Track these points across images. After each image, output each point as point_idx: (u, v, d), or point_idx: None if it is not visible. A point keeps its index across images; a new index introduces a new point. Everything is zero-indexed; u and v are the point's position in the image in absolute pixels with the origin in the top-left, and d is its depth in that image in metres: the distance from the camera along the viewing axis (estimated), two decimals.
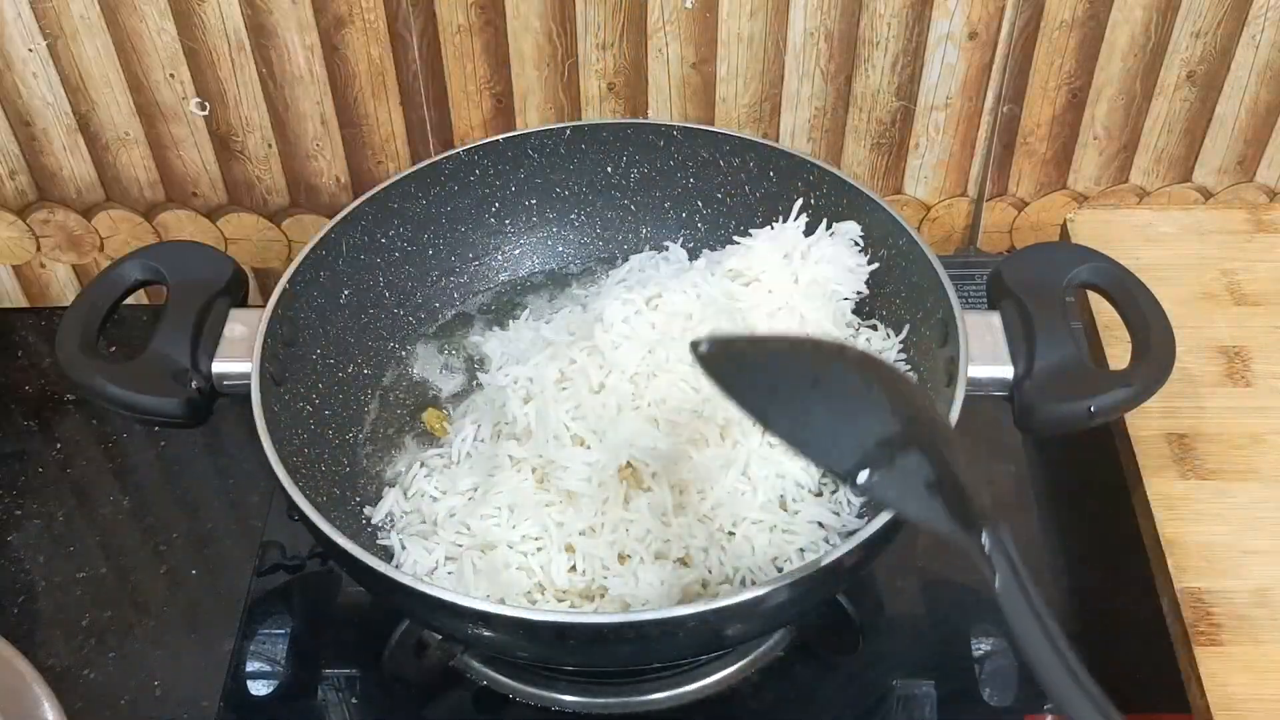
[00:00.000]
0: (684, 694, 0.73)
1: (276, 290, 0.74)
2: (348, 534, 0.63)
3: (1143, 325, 0.70)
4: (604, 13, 0.86)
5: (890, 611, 0.77)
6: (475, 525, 0.70)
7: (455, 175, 0.84)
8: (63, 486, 0.87)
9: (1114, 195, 0.97)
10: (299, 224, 0.97)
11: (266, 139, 0.91)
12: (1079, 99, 0.91)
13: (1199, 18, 0.87)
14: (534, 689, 0.73)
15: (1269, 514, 0.72)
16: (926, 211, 0.98)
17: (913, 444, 0.54)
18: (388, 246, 0.83)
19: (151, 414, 0.71)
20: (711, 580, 0.68)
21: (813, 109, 0.91)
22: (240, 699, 0.73)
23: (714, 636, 0.63)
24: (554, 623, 0.61)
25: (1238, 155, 0.95)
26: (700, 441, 0.71)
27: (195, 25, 0.85)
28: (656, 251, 0.87)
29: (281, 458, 0.66)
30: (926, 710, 0.72)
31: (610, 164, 0.87)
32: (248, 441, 0.86)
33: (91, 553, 0.82)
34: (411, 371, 0.84)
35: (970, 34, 0.87)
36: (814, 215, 0.82)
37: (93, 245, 0.98)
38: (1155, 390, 0.68)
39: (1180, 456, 0.75)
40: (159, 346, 0.71)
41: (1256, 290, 0.85)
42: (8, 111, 0.89)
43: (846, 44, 0.88)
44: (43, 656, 0.76)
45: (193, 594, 0.80)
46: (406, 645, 0.73)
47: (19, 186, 0.94)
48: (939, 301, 0.73)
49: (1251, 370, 0.80)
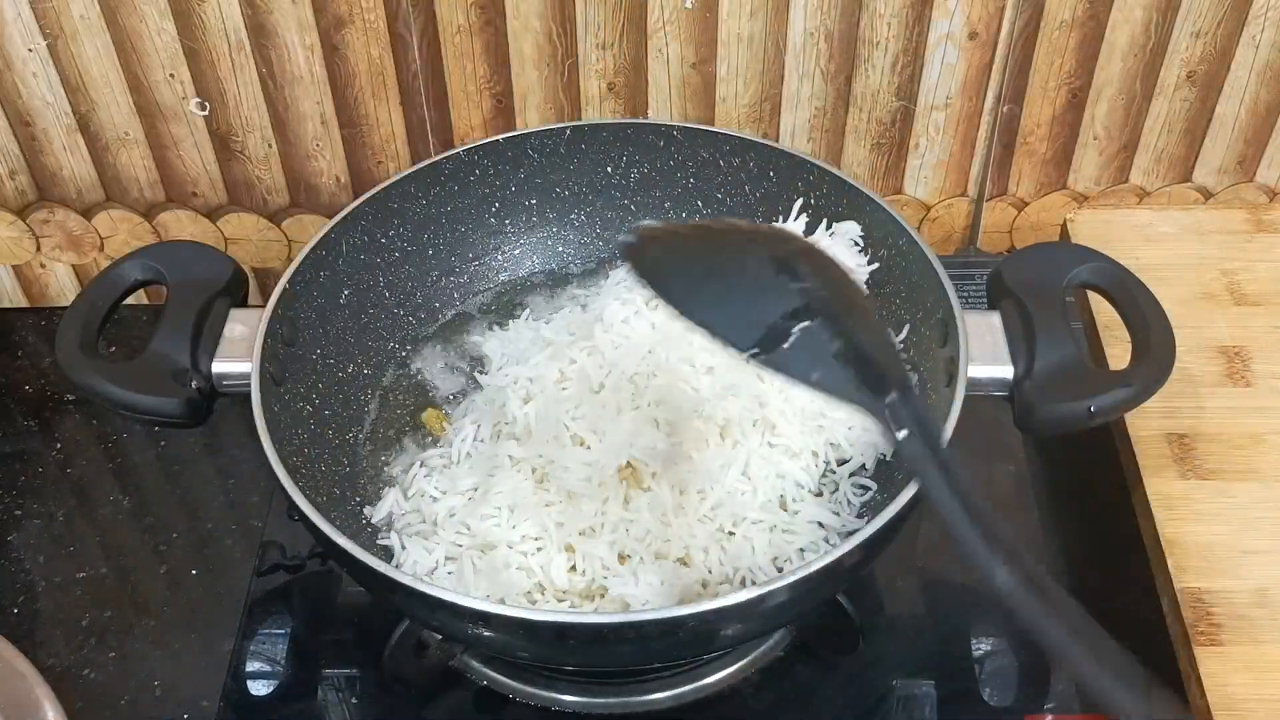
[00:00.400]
0: (684, 694, 0.73)
1: (276, 290, 0.74)
2: (348, 534, 0.63)
3: (1143, 325, 0.70)
4: (604, 13, 0.86)
5: (890, 611, 0.77)
6: (475, 525, 0.70)
7: (455, 175, 0.84)
8: (63, 486, 0.87)
9: (1114, 195, 0.97)
10: (299, 224, 0.97)
11: (266, 139, 0.91)
12: (1079, 99, 0.91)
13: (1199, 18, 0.87)
14: (534, 689, 0.73)
15: (1269, 514, 0.72)
16: (926, 211, 0.98)
17: (818, 315, 0.55)
18: (388, 246, 0.83)
19: (151, 414, 0.71)
20: (711, 580, 0.68)
21: (813, 109, 0.91)
22: (240, 699, 0.73)
23: (714, 636, 0.63)
24: (554, 623, 0.61)
25: (1238, 155, 0.95)
26: (700, 441, 0.72)
27: (195, 25, 0.85)
28: None
29: (281, 458, 0.66)
30: (926, 710, 0.72)
31: (610, 164, 0.87)
32: (248, 441, 0.86)
33: (91, 553, 0.82)
34: (411, 371, 0.84)
35: (970, 34, 0.87)
36: (814, 215, 0.82)
37: (93, 245, 0.98)
38: (1155, 390, 0.68)
39: (1180, 456, 0.75)
40: (159, 346, 0.71)
41: (1256, 290, 0.85)
42: (8, 111, 0.89)
43: (846, 44, 0.88)
44: (43, 656, 0.76)
45: (193, 594, 0.80)
46: (406, 645, 0.73)
47: (19, 186, 0.94)
48: (939, 301, 0.73)
49: (1251, 370, 0.80)
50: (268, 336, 0.71)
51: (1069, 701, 0.72)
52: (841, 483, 0.74)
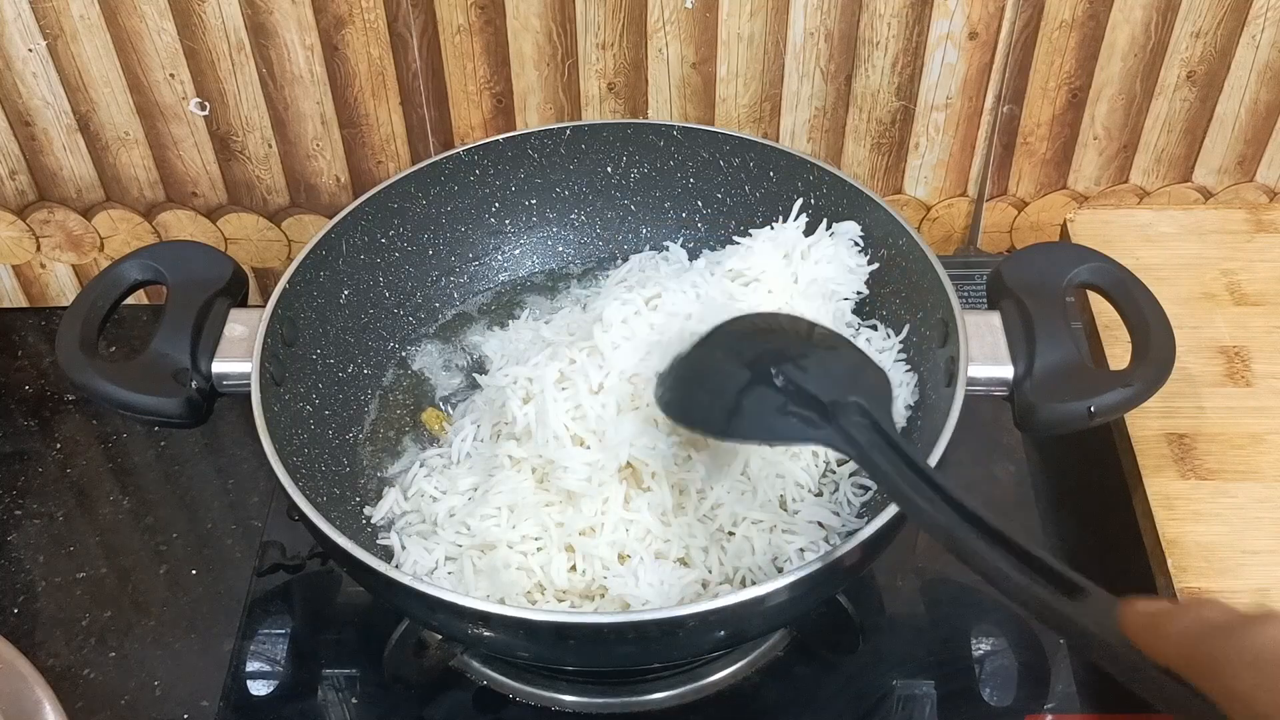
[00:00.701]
0: (684, 694, 0.73)
1: (276, 290, 0.74)
2: (348, 534, 0.63)
3: (1143, 325, 0.70)
4: (604, 13, 0.86)
5: (890, 611, 0.77)
6: (475, 525, 0.70)
7: (455, 175, 0.84)
8: (63, 486, 0.87)
9: (1114, 195, 0.97)
10: (299, 224, 0.97)
11: (266, 139, 0.91)
12: (1079, 99, 0.91)
13: (1199, 18, 0.87)
14: (534, 689, 0.73)
15: (1269, 514, 0.72)
16: (926, 211, 0.98)
17: (756, 383, 0.62)
18: (388, 246, 0.83)
19: (151, 414, 0.71)
20: (711, 580, 0.68)
21: (813, 109, 0.91)
22: (240, 699, 0.73)
23: (714, 636, 0.63)
24: (554, 623, 0.61)
25: (1238, 155, 0.95)
26: (700, 441, 0.71)
27: (195, 25, 0.85)
28: (656, 251, 0.87)
29: (281, 458, 0.66)
30: (926, 710, 0.72)
31: (610, 164, 0.87)
32: (248, 441, 0.86)
33: (91, 553, 0.82)
34: (411, 371, 0.84)
35: (970, 34, 0.87)
36: (814, 215, 0.82)
37: (93, 245, 0.98)
38: (1155, 390, 0.68)
39: (1180, 456, 0.75)
40: (159, 346, 0.71)
41: (1256, 290, 0.85)
42: (8, 111, 0.89)
43: (846, 44, 0.88)
44: (43, 656, 0.76)
45: (193, 594, 0.80)
46: (406, 645, 0.73)
47: (19, 186, 0.94)
48: (939, 301, 0.73)
49: (1251, 370, 0.80)
50: (268, 336, 0.71)
51: (1069, 701, 0.72)
52: (841, 483, 0.74)
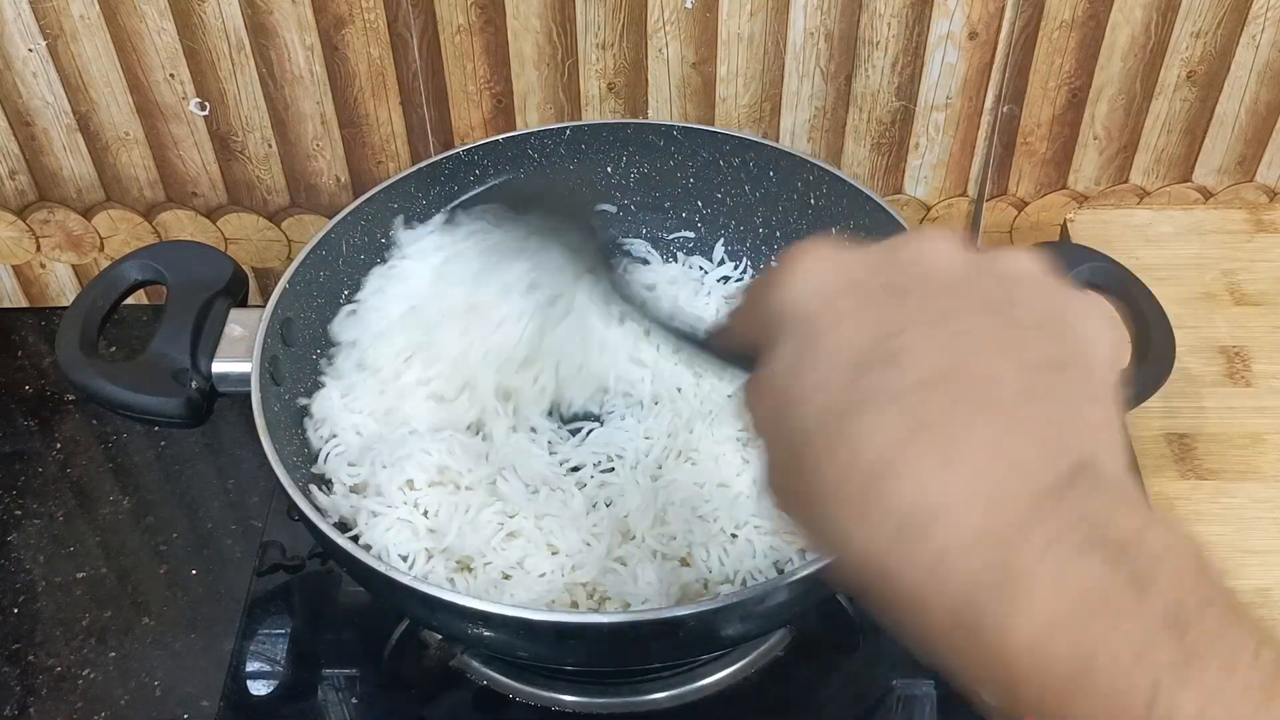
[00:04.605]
0: (684, 694, 0.73)
1: (276, 290, 0.74)
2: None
3: (1143, 325, 0.70)
4: (604, 13, 0.86)
5: None
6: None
7: (455, 175, 0.84)
8: (63, 486, 0.87)
9: (1114, 195, 0.97)
10: (299, 224, 0.97)
11: (266, 139, 0.91)
12: (1079, 99, 0.91)
13: (1199, 18, 0.87)
14: (534, 689, 0.73)
15: (1269, 514, 0.72)
16: (926, 211, 0.98)
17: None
18: (387, 246, 0.83)
19: (151, 414, 0.70)
20: (711, 580, 0.68)
21: (813, 109, 0.91)
22: (240, 699, 0.73)
23: (714, 636, 0.63)
24: (554, 623, 0.61)
25: (1238, 155, 0.95)
26: (700, 441, 0.71)
27: (195, 25, 0.85)
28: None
29: (281, 458, 0.66)
30: (926, 710, 0.72)
31: (610, 164, 0.87)
32: (248, 441, 0.86)
33: (91, 553, 0.82)
34: None
35: (970, 34, 0.87)
36: (814, 215, 0.82)
37: (93, 245, 0.97)
38: (1155, 390, 0.68)
39: (1180, 456, 0.75)
40: (159, 346, 0.71)
41: (1256, 290, 0.85)
42: (8, 111, 0.89)
43: (846, 44, 0.88)
44: (43, 656, 0.76)
45: (193, 594, 0.80)
46: (406, 645, 0.73)
47: (19, 186, 0.94)
48: None
49: (1251, 370, 0.80)
50: (268, 336, 0.71)
51: None
52: None
